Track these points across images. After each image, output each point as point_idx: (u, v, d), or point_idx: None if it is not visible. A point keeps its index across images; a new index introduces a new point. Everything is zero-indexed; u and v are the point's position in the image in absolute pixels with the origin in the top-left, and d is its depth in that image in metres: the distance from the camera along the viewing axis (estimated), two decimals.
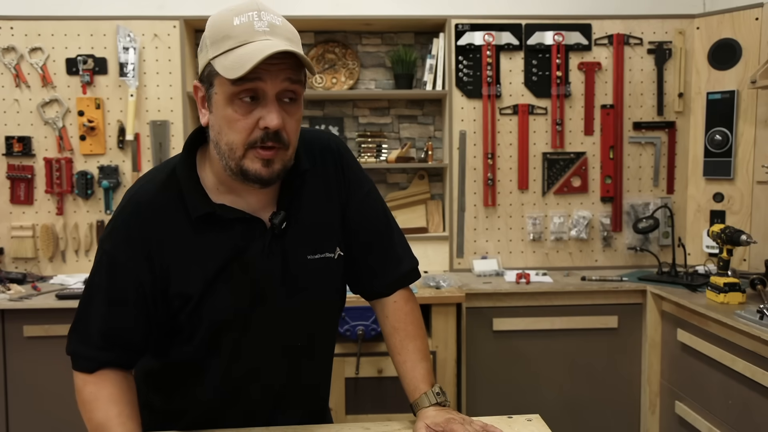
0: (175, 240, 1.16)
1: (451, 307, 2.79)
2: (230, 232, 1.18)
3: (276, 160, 1.11)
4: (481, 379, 2.92)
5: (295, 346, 1.28)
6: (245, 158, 1.10)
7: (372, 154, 3.34)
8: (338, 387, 2.74)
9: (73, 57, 3.16)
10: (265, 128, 1.08)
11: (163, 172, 1.22)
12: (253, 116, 1.08)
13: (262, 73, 1.06)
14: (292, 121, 1.12)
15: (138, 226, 1.16)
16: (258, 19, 1.08)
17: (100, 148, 3.20)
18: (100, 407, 1.15)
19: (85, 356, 1.17)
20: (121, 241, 1.17)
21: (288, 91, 1.10)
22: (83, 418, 1.17)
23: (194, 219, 1.16)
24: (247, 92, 1.08)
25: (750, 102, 3.07)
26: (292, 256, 1.22)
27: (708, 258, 3.16)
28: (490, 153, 3.27)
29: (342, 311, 1.40)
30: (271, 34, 1.08)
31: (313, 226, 1.24)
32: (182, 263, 1.17)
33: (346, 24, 3.26)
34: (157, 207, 1.17)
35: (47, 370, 2.74)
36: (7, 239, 3.19)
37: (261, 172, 1.11)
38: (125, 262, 1.16)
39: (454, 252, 3.31)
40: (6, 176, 3.17)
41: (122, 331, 1.18)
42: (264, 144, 1.09)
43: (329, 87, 3.36)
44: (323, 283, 1.27)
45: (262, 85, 1.07)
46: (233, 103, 1.08)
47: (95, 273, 1.19)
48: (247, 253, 1.19)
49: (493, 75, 3.24)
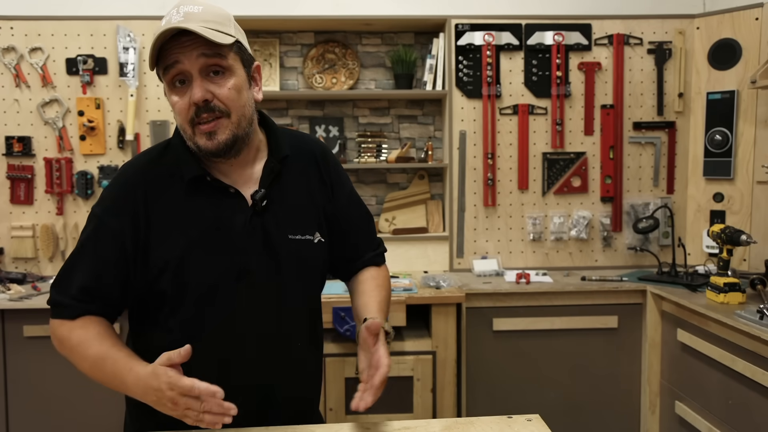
0: (164, 204, 1.24)
1: (451, 307, 2.79)
2: (216, 203, 1.26)
3: (219, 131, 1.20)
4: (481, 379, 2.92)
5: (279, 329, 1.30)
6: (195, 136, 1.21)
7: (372, 154, 3.34)
8: (338, 387, 2.74)
9: (73, 57, 3.16)
10: (194, 103, 1.19)
11: (156, 147, 1.33)
12: (186, 96, 1.20)
13: (178, 56, 1.17)
14: (223, 90, 1.20)
15: (126, 190, 1.25)
16: (176, 13, 1.19)
17: (100, 148, 3.20)
18: (92, 344, 1.20)
19: (67, 305, 1.24)
20: (109, 203, 1.26)
21: (210, 65, 1.19)
22: (75, 360, 1.23)
23: (187, 181, 1.24)
24: (175, 77, 1.19)
25: (750, 102, 3.07)
26: (274, 234, 1.28)
27: (708, 258, 3.16)
28: (490, 153, 3.27)
29: (320, 297, 1.44)
30: (185, 21, 1.17)
31: (293, 209, 1.32)
32: (165, 227, 1.23)
33: (346, 24, 3.26)
34: (148, 173, 1.26)
35: (47, 370, 2.74)
36: (7, 239, 3.19)
37: (207, 145, 1.21)
38: (109, 221, 1.24)
39: (454, 252, 3.31)
40: (6, 176, 3.17)
41: (102, 286, 1.24)
42: (200, 118, 1.19)
43: (329, 87, 3.36)
44: (303, 263, 1.33)
45: (181, 67, 1.18)
46: (172, 90, 1.21)
47: (83, 232, 1.28)
48: (230, 226, 1.25)
49: (493, 75, 3.24)
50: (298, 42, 3.37)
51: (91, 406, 2.72)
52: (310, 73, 3.36)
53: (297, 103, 3.38)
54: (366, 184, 3.43)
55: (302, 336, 1.36)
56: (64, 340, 1.24)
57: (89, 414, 2.74)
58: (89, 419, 2.74)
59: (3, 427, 2.76)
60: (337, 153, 3.33)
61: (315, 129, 3.38)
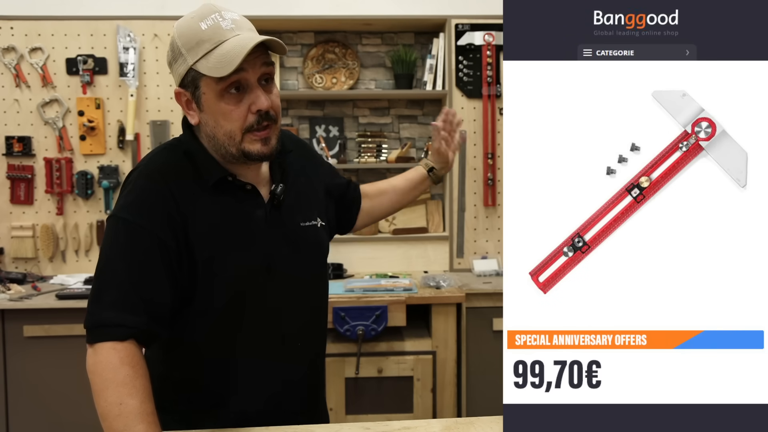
0: (193, 205, 1.23)
1: (451, 307, 2.79)
2: (239, 201, 1.28)
3: (272, 137, 1.25)
4: (481, 379, 2.92)
5: (300, 304, 1.35)
6: (244, 142, 1.22)
7: (372, 154, 3.34)
8: (338, 387, 2.74)
9: (73, 57, 3.17)
10: (257, 111, 1.21)
11: (166, 149, 1.31)
12: (244, 104, 1.21)
13: (244, 65, 1.17)
14: (274, 98, 1.26)
15: (155, 193, 1.21)
16: (222, 19, 1.20)
17: (100, 148, 3.20)
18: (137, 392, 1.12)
19: (116, 323, 1.13)
20: (140, 208, 1.19)
21: (265, 74, 1.23)
22: (100, 390, 1.14)
23: (211, 184, 1.25)
24: (233, 85, 1.20)
25: None
26: (289, 224, 1.33)
27: None
28: (490, 153, 3.27)
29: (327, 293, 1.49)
30: (238, 29, 1.20)
31: (300, 197, 1.38)
32: (200, 227, 1.22)
33: (346, 24, 3.26)
34: (170, 175, 1.24)
35: (47, 370, 2.74)
36: (7, 239, 3.19)
37: (263, 150, 1.23)
38: (147, 227, 1.18)
39: (454, 252, 3.31)
40: (6, 176, 3.17)
41: (152, 292, 1.16)
42: (260, 125, 1.22)
43: (329, 87, 3.36)
44: (315, 250, 1.39)
45: (245, 75, 1.19)
46: (223, 97, 1.20)
47: (113, 244, 1.18)
48: (253, 221, 1.28)
49: (493, 75, 3.24)
50: (298, 42, 3.37)
51: (91, 406, 2.72)
52: (310, 73, 3.36)
53: (297, 103, 3.38)
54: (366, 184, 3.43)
55: (317, 326, 1.42)
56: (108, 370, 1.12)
57: (89, 414, 2.72)
58: (89, 419, 2.73)
59: (3, 427, 2.76)
60: (337, 153, 3.33)
61: (315, 129, 3.38)
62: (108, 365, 1.12)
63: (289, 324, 1.32)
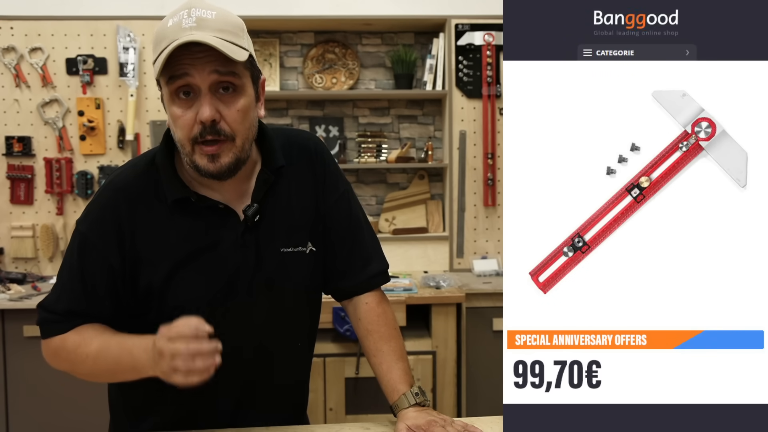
0: (148, 226, 1.18)
1: (451, 307, 2.79)
2: (204, 222, 1.19)
3: (222, 154, 1.12)
4: (481, 379, 2.92)
5: (269, 343, 1.26)
6: (194, 154, 1.12)
7: (372, 154, 3.34)
8: (338, 387, 2.74)
9: (73, 57, 3.16)
10: (201, 122, 1.09)
11: (143, 160, 1.24)
12: (191, 111, 1.10)
13: (188, 68, 1.08)
14: (231, 112, 1.12)
15: (111, 210, 1.18)
16: (187, 16, 1.09)
17: (100, 148, 3.20)
18: (92, 340, 1.16)
19: (56, 321, 1.20)
20: (94, 222, 1.19)
21: (221, 82, 1.10)
22: (76, 364, 1.19)
23: (170, 203, 1.18)
24: (180, 89, 1.10)
25: None
26: (265, 249, 1.22)
27: None
28: (490, 153, 3.27)
29: (319, 311, 1.37)
30: (198, 28, 1.08)
31: (286, 221, 1.25)
32: (153, 249, 1.18)
33: (346, 24, 3.26)
34: (133, 192, 1.19)
35: (47, 370, 2.71)
36: (7, 239, 3.19)
37: (208, 167, 1.12)
38: (96, 243, 1.18)
39: (454, 252, 3.31)
40: (6, 176, 3.17)
41: (90, 309, 1.19)
42: (204, 138, 1.10)
43: (329, 87, 3.36)
44: (297, 276, 1.26)
45: (191, 79, 1.09)
46: (174, 101, 1.11)
47: (69, 253, 1.22)
48: (220, 244, 1.19)
49: (493, 75, 3.24)
50: (298, 42, 3.37)
51: (91, 405, 2.72)
52: (310, 73, 3.36)
53: (297, 103, 3.38)
54: (366, 184, 3.44)
55: (294, 347, 1.32)
56: (60, 350, 1.19)
57: (89, 414, 2.73)
58: (89, 419, 2.74)
59: (3, 427, 2.76)
60: (337, 153, 3.33)
61: (315, 129, 3.38)
62: (57, 349, 1.20)
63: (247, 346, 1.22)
